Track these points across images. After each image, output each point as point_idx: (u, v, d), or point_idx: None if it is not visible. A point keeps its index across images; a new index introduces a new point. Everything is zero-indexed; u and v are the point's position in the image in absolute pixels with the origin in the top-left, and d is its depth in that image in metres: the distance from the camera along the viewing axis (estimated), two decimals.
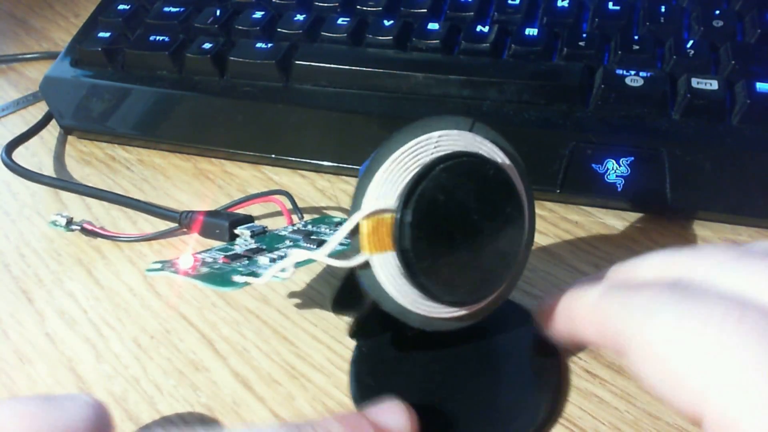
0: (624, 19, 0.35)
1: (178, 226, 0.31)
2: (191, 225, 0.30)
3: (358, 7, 0.38)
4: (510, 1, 0.36)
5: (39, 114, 0.39)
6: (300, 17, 0.38)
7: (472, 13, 0.36)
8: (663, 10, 0.35)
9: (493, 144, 0.21)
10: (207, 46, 0.37)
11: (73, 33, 0.43)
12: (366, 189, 0.19)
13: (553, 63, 0.33)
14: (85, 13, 0.45)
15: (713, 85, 0.30)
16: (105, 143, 0.38)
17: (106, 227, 0.32)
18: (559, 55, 0.33)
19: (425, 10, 0.37)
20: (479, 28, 0.35)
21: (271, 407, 0.25)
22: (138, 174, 0.36)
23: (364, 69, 0.34)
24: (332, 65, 0.35)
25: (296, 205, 0.30)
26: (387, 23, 0.36)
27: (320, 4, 0.39)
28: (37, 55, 0.46)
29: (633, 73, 0.31)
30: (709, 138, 0.30)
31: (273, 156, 0.34)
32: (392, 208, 0.19)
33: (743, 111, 0.29)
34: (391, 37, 0.35)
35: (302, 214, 0.30)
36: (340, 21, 0.37)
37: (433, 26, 0.35)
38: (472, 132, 0.21)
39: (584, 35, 0.34)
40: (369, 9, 0.38)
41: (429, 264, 0.19)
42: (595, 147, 0.30)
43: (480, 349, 0.24)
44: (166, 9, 0.40)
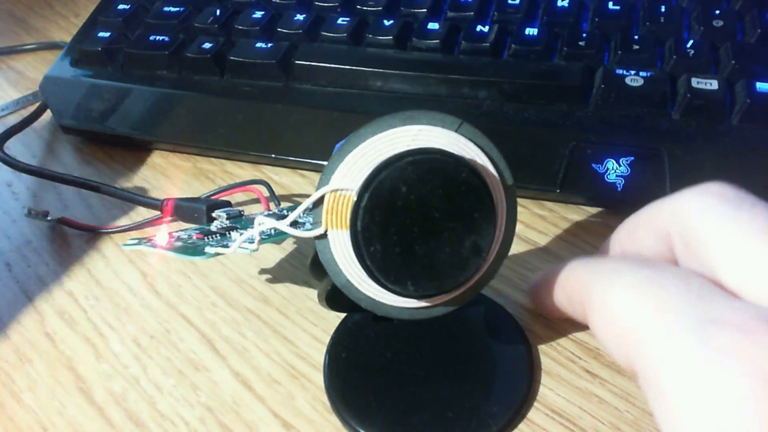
0: (624, 19, 0.35)
1: (157, 215, 0.32)
2: (171, 210, 0.31)
3: (358, 6, 0.38)
4: (510, 1, 0.36)
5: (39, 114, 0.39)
6: (300, 17, 0.38)
7: (472, 13, 0.36)
8: (663, 10, 0.35)
9: (478, 149, 0.21)
10: (207, 45, 0.37)
11: (73, 33, 0.43)
12: (336, 167, 0.20)
13: (553, 63, 0.33)
14: (85, 13, 0.45)
15: (713, 84, 0.30)
16: (105, 143, 0.38)
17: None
18: (559, 54, 0.33)
19: (425, 10, 0.37)
20: (479, 27, 0.35)
21: (271, 407, 0.25)
22: (138, 174, 0.36)
23: (364, 69, 0.34)
24: (332, 65, 0.35)
25: (274, 193, 0.31)
26: (387, 23, 0.36)
27: (320, 4, 0.39)
28: (35, 46, 0.46)
29: (633, 72, 0.31)
30: (709, 138, 0.30)
31: (273, 156, 0.34)
32: (354, 189, 0.20)
33: (743, 111, 0.29)
34: (391, 37, 0.35)
35: (279, 201, 0.31)
36: (340, 21, 0.37)
37: (433, 26, 0.35)
38: (458, 132, 0.21)
39: (584, 35, 0.34)
40: (369, 9, 0.38)
41: (378, 249, 0.19)
42: (595, 147, 0.30)
43: (458, 340, 0.25)
44: (166, 9, 0.40)
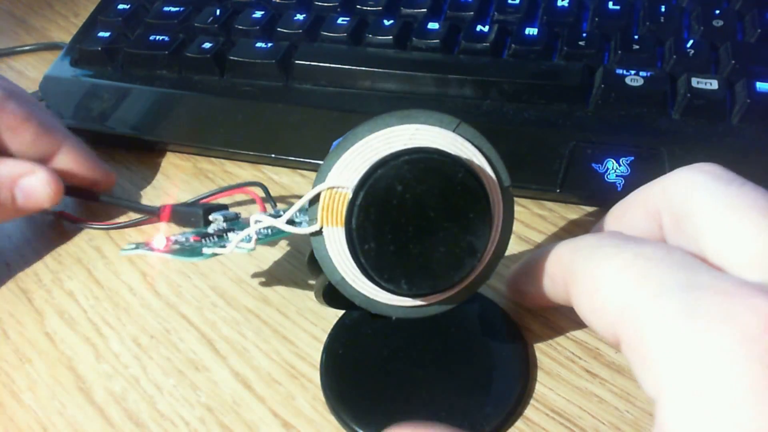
0: (624, 19, 0.35)
1: (152, 216, 0.32)
2: (169, 216, 0.31)
3: (358, 6, 0.38)
4: (510, 1, 0.36)
5: None
6: (300, 17, 0.38)
7: (472, 13, 0.36)
8: (663, 9, 0.35)
9: (475, 149, 0.21)
10: (207, 45, 0.37)
11: (73, 33, 0.43)
12: (332, 164, 0.20)
13: (553, 63, 0.33)
14: (85, 13, 0.45)
15: (713, 84, 0.30)
16: (105, 143, 0.38)
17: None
18: (559, 54, 0.33)
19: (425, 10, 0.37)
20: (479, 27, 0.35)
21: (271, 407, 0.25)
22: (138, 173, 0.36)
23: (364, 69, 0.34)
24: (332, 65, 0.35)
25: (270, 194, 0.31)
26: (387, 23, 0.36)
27: (320, 4, 0.39)
28: (35, 46, 0.46)
29: (633, 72, 0.31)
30: (709, 137, 0.30)
31: (273, 156, 0.34)
32: (350, 187, 0.20)
33: (743, 110, 0.29)
34: (391, 37, 0.35)
35: (275, 203, 0.31)
36: (340, 21, 0.37)
37: (433, 26, 0.35)
38: (456, 132, 0.21)
39: (584, 35, 0.34)
40: (369, 9, 0.38)
41: (372, 247, 0.19)
42: (595, 146, 0.30)
43: (454, 337, 0.25)
44: (166, 8, 0.40)
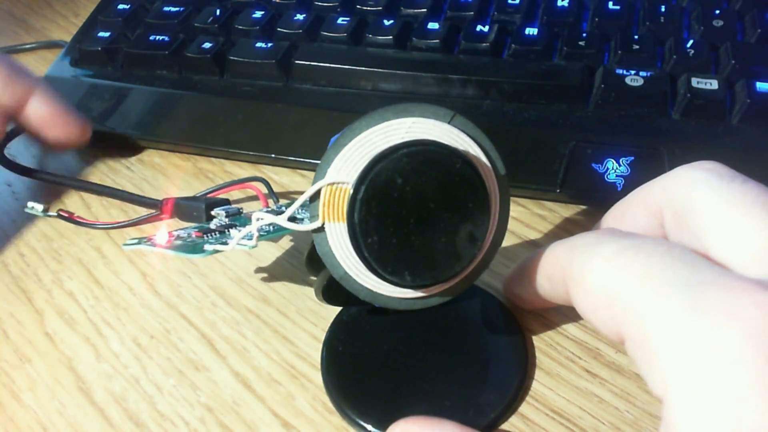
0: (624, 19, 0.35)
1: (155, 212, 0.32)
2: (170, 210, 0.31)
3: (358, 6, 0.38)
4: (510, 1, 0.36)
5: None
6: (300, 17, 0.38)
7: (472, 13, 0.36)
8: (663, 9, 0.35)
9: (471, 139, 0.21)
10: (207, 45, 0.37)
11: (73, 33, 0.43)
12: (332, 160, 0.20)
13: (553, 63, 0.33)
14: (85, 13, 0.45)
15: (713, 84, 0.30)
16: (105, 143, 0.38)
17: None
18: (559, 54, 0.33)
19: (425, 10, 0.37)
20: (479, 27, 0.35)
21: (271, 407, 0.25)
22: (138, 173, 0.36)
23: (364, 69, 0.34)
24: (332, 65, 0.35)
25: (272, 190, 0.31)
26: (387, 23, 0.36)
27: (320, 4, 0.39)
28: (35, 46, 0.46)
29: (633, 72, 0.31)
30: (709, 138, 0.30)
31: (273, 156, 0.34)
32: (350, 182, 0.20)
33: (743, 111, 0.29)
34: (391, 37, 0.35)
35: (278, 198, 0.31)
36: (340, 21, 0.37)
37: (433, 26, 0.35)
38: (451, 124, 0.21)
39: (584, 35, 0.34)
40: (369, 9, 0.38)
41: (375, 241, 0.20)
42: (595, 147, 0.30)
43: (451, 330, 0.25)
44: (166, 8, 0.40)
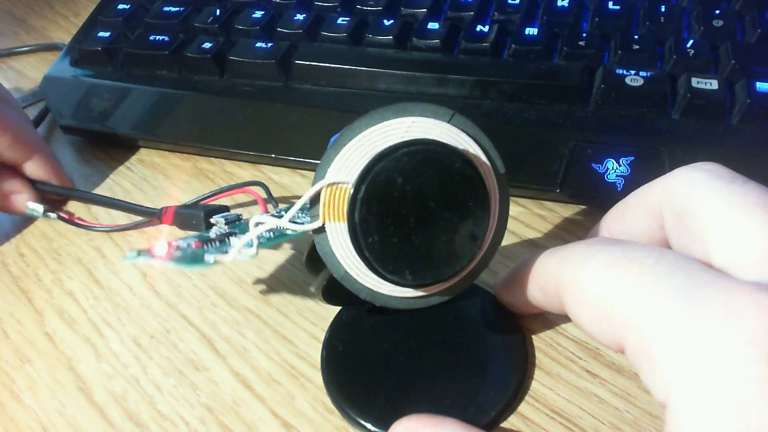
0: (624, 19, 0.35)
1: (154, 218, 0.32)
2: (170, 219, 0.31)
3: (358, 6, 0.38)
4: (510, 1, 0.36)
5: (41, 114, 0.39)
6: (300, 17, 0.38)
7: (472, 13, 0.36)
8: (663, 9, 0.35)
9: (470, 138, 0.21)
10: (207, 45, 0.37)
11: (73, 33, 0.43)
12: (332, 160, 0.20)
13: (553, 63, 0.33)
14: (85, 13, 0.46)
15: (713, 84, 0.30)
16: (105, 143, 0.38)
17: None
18: (559, 54, 0.33)
19: (425, 10, 0.37)
20: (479, 27, 0.35)
21: (271, 407, 0.25)
22: (138, 173, 0.36)
23: (364, 69, 0.34)
24: (332, 65, 0.35)
25: (271, 194, 0.31)
26: (387, 23, 0.36)
27: (320, 4, 0.39)
28: (35, 46, 0.46)
29: (633, 72, 0.31)
30: (709, 138, 0.30)
31: (273, 156, 0.34)
32: (350, 182, 0.20)
33: (743, 110, 0.29)
34: (391, 37, 0.35)
35: (277, 203, 0.31)
36: (339, 20, 0.37)
37: (433, 26, 0.35)
38: (450, 123, 0.21)
39: (584, 35, 0.34)
40: (369, 9, 0.38)
41: (375, 240, 0.20)
42: (595, 147, 0.30)
43: (450, 329, 0.25)
44: (166, 8, 0.40)
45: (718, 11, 0.34)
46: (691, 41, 0.32)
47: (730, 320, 0.15)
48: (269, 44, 0.36)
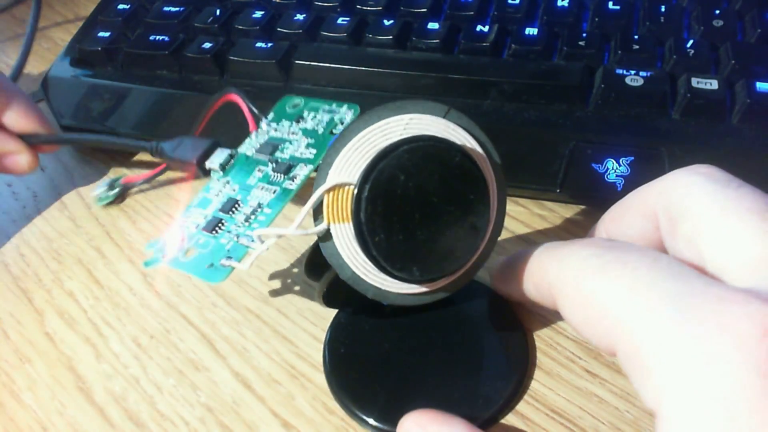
0: (624, 19, 0.35)
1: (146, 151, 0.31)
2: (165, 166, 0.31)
3: (358, 6, 0.38)
4: (510, 1, 0.36)
5: None
6: (300, 17, 0.38)
7: (472, 13, 0.36)
8: (663, 9, 0.35)
9: (466, 132, 0.21)
10: (207, 45, 0.37)
11: (73, 33, 0.43)
12: (333, 161, 0.21)
13: (553, 63, 0.33)
14: (85, 13, 0.45)
15: (713, 84, 0.30)
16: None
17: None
18: (559, 54, 0.33)
19: (425, 10, 0.37)
20: (479, 27, 0.35)
21: (271, 407, 0.25)
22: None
23: (364, 69, 0.34)
24: (332, 65, 0.35)
25: (246, 96, 0.30)
26: (387, 23, 0.36)
27: (320, 4, 0.39)
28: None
29: (633, 72, 0.31)
30: (709, 138, 0.30)
31: None
32: (353, 182, 0.20)
33: (743, 110, 0.29)
34: (391, 37, 0.35)
35: (256, 107, 0.29)
36: (339, 21, 0.37)
37: (433, 26, 0.35)
38: (446, 119, 0.21)
39: (584, 35, 0.34)
40: (369, 9, 0.38)
41: (382, 239, 0.20)
42: (595, 147, 0.30)
43: (451, 327, 0.25)
44: (166, 8, 0.40)
45: (718, 11, 0.34)
46: (691, 41, 0.32)
47: (722, 330, 0.15)
48: (269, 44, 0.36)
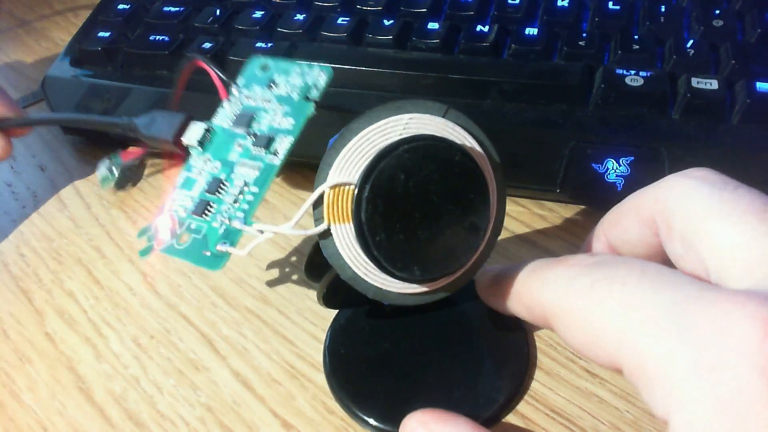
0: (624, 19, 0.35)
1: (127, 130, 0.30)
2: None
3: (358, 6, 0.38)
4: (510, 1, 0.36)
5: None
6: (300, 17, 0.38)
7: (472, 13, 0.36)
8: (663, 9, 0.35)
9: (465, 131, 0.21)
10: (207, 45, 0.37)
11: (73, 33, 0.43)
12: (332, 162, 0.21)
13: (553, 63, 0.33)
14: (85, 13, 0.45)
15: (713, 84, 0.30)
16: (105, 143, 0.38)
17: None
18: (559, 54, 0.33)
19: (425, 10, 0.37)
20: (479, 27, 0.35)
21: (271, 407, 0.25)
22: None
23: (364, 69, 0.34)
24: (332, 65, 0.35)
25: (210, 60, 0.29)
26: (387, 23, 0.36)
27: (320, 4, 0.39)
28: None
29: (633, 72, 0.31)
30: (709, 138, 0.30)
31: None
32: (353, 182, 0.20)
33: (743, 110, 0.29)
34: (391, 37, 0.35)
35: (225, 75, 0.29)
36: (339, 20, 0.37)
37: (433, 26, 0.35)
38: (445, 118, 0.21)
39: (584, 35, 0.34)
40: (369, 9, 0.38)
41: (383, 238, 0.20)
42: (595, 147, 0.30)
43: (451, 327, 0.25)
44: (166, 8, 0.40)
45: (718, 11, 0.34)
46: (691, 41, 0.32)
47: (723, 335, 0.14)
48: (269, 44, 0.36)
